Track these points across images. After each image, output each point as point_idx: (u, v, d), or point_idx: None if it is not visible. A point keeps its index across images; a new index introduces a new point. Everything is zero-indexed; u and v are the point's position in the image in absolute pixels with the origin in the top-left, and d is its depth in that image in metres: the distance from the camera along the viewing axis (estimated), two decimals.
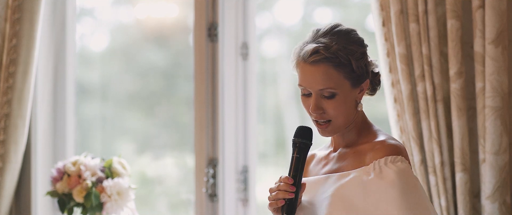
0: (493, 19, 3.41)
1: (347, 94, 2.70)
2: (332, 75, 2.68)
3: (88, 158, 4.16)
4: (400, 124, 3.62)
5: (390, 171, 2.62)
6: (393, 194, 2.59)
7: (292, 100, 4.56)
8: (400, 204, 2.58)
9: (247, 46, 4.37)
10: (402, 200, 2.59)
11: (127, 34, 4.87)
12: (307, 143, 2.66)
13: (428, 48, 3.53)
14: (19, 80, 4.20)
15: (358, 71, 2.69)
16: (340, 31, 2.71)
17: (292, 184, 2.63)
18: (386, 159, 2.64)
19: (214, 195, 4.34)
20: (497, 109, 3.43)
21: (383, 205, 2.59)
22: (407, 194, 2.60)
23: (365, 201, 2.61)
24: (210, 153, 4.34)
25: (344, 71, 2.68)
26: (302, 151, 2.66)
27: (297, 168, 2.64)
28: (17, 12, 4.19)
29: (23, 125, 4.24)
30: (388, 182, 2.61)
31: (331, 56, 2.66)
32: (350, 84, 2.70)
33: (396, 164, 2.63)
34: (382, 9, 3.62)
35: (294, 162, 2.65)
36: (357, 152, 2.73)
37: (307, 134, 2.67)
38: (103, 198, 4.07)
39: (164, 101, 4.78)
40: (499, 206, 3.45)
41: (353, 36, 2.72)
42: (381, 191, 2.60)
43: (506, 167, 3.45)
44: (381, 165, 2.63)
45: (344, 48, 2.67)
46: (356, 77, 2.70)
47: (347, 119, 2.72)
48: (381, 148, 2.67)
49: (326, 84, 2.67)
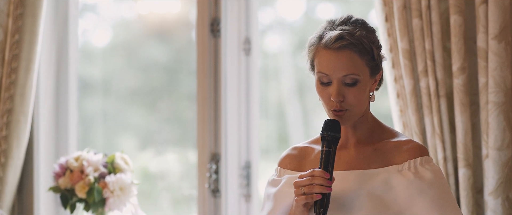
0: (496, 14, 3.41)
1: (366, 83, 2.70)
2: (356, 61, 2.67)
3: (91, 154, 4.16)
4: (403, 119, 3.61)
5: (427, 172, 2.66)
6: (432, 194, 2.63)
7: (294, 95, 4.55)
8: (439, 203, 2.63)
9: (249, 42, 4.36)
10: (441, 200, 2.63)
11: (129, 30, 4.87)
12: (337, 136, 2.66)
13: (431, 44, 3.53)
14: (22, 76, 4.20)
15: (378, 59, 2.70)
16: (357, 21, 2.72)
17: (328, 179, 2.60)
18: (421, 160, 2.68)
19: (216, 190, 4.34)
20: (500, 104, 3.43)
21: (422, 205, 2.62)
22: (444, 194, 2.65)
23: (401, 200, 2.63)
24: (212, 149, 4.34)
25: (366, 59, 2.68)
26: (332, 144, 2.66)
27: (329, 161, 2.64)
28: (20, 7, 4.18)
29: (25, 120, 4.24)
30: (427, 182, 2.65)
31: (356, 42, 2.66)
32: (370, 72, 2.70)
33: (430, 164, 2.68)
34: (385, 4, 3.62)
35: (325, 156, 2.63)
36: (379, 150, 2.72)
37: (335, 127, 2.67)
38: (105, 193, 4.06)
39: (166, 96, 4.77)
40: (502, 202, 3.45)
41: (370, 26, 2.74)
42: (420, 190, 2.63)
43: (509, 163, 3.45)
44: (417, 165, 2.67)
45: (366, 36, 2.68)
46: (375, 67, 2.70)
47: (363, 108, 2.72)
48: (413, 148, 2.70)
49: (351, 70, 2.66)
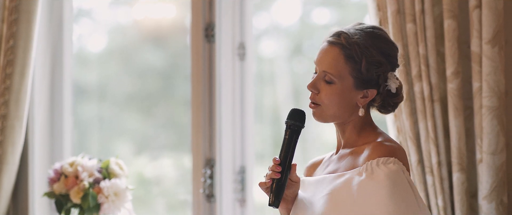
0: (490, 19, 3.41)
1: (345, 90, 2.70)
2: (338, 64, 2.69)
3: (86, 159, 4.16)
4: (397, 124, 3.62)
5: (380, 172, 2.62)
6: (381, 195, 2.59)
7: (289, 100, 4.56)
8: (387, 205, 2.58)
9: (244, 47, 4.37)
10: (390, 202, 2.58)
11: (124, 35, 4.87)
12: (299, 125, 2.68)
13: (425, 48, 3.53)
14: (16, 81, 4.20)
15: (365, 74, 2.69)
16: (372, 33, 2.72)
17: (278, 165, 2.66)
18: (379, 160, 2.63)
19: (211, 195, 4.34)
20: (494, 108, 3.43)
21: (371, 206, 2.59)
22: (396, 196, 2.59)
23: (355, 201, 2.62)
24: (207, 154, 4.34)
25: (351, 67, 2.69)
26: (293, 133, 2.68)
27: (287, 149, 2.69)
28: (14, 13, 4.18)
29: (20, 126, 4.24)
30: (377, 183, 2.61)
31: (347, 46, 2.67)
32: (354, 83, 2.70)
33: (387, 165, 2.63)
34: (379, 9, 3.62)
35: (284, 143, 2.69)
36: (355, 153, 2.73)
37: (299, 116, 2.69)
38: (100, 199, 4.06)
39: (161, 102, 4.78)
40: (496, 206, 3.45)
41: (383, 44, 2.72)
42: (371, 192, 2.60)
43: (503, 167, 3.45)
44: (373, 166, 2.63)
45: (363, 46, 2.68)
46: (361, 79, 2.70)
47: (337, 113, 2.72)
48: (375, 149, 2.67)
49: (329, 68, 2.70)
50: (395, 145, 2.70)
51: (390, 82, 2.73)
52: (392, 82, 2.74)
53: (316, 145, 4.50)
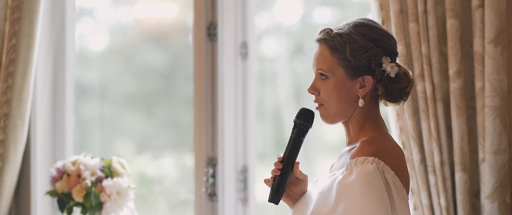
0: (493, 18, 3.41)
1: (340, 82, 2.69)
2: (326, 58, 2.70)
3: (88, 158, 4.16)
4: (400, 123, 3.62)
5: (355, 172, 2.58)
6: (352, 193, 2.56)
7: (291, 99, 4.56)
8: (354, 204, 2.54)
9: (246, 46, 4.37)
10: (358, 202, 2.54)
11: (126, 34, 4.87)
12: (306, 125, 2.68)
13: (427, 48, 3.53)
14: (19, 80, 4.20)
15: (353, 61, 2.67)
16: (357, 22, 2.73)
17: (280, 162, 2.68)
18: (357, 159, 2.60)
19: (213, 194, 4.34)
20: (497, 108, 3.43)
21: (343, 205, 2.55)
22: (365, 197, 2.54)
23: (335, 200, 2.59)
24: (209, 153, 4.34)
25: (338, 57, 2.69)
26: (300, 132, 2.69)
27: (291, 147, 2.70)
28: (17, 11, 4.19)
29: (22, 124, 4.24)
30: (351, 182, 2.57)
31: (329, 38, 2.69)
32: (346, 73, 2.69)
33: (364, 164, 2.59)
34: (382, 8, 3.62)
35: (289, 141, 2.70)
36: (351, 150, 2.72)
37: (307, 116, 2.70)
38: (102, 197, 4.06)
39: (163, 101, 4.78)
40: (498, 206, 3.45)
41: (368, 31, 2.70)
42: (345, 191, 2.57)
43: (505, 167, 3.45)
44: (352, 165, 2.60)
45: (345, 34, 2.68)
46: (351, 67, 2.68)
47: (340, 109, 2.71)
48: (360, 148, 2.65)
49: (319, 65, 2.72)
50: (385, 144, 2.66)
51: (385, 67, 2.69)
52: (387, 66, 2.69)
53: (318, 145, 4.51)
